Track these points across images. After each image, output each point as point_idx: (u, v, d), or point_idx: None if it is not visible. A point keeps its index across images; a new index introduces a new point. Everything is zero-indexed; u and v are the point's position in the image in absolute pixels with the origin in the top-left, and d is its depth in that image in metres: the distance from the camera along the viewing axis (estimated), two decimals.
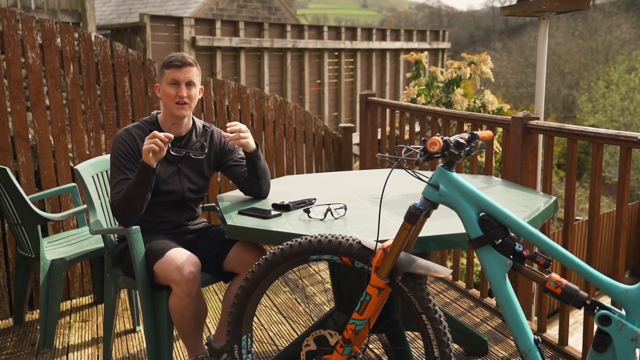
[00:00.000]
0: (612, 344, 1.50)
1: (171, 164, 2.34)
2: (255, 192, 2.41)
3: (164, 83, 2.28)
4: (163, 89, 2.29)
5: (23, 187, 3.07)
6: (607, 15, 33.82)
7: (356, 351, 1.81)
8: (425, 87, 5.38)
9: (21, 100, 3.11)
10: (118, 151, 2.27)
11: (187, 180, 2.37)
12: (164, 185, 2.32)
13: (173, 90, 2.26)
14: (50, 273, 2.75)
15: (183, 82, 2.26)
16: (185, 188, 2.37)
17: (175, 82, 2.26)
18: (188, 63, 2.28)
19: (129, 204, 2.17)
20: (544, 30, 2.98)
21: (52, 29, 3.17)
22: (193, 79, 2.29)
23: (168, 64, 2.28)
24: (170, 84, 2.26)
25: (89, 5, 7.25)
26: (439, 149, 1.61)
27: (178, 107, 2.28)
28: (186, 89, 2.27)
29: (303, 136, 4.36)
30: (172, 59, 2.28)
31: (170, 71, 2.27)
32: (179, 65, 2.26)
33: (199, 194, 2.44)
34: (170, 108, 2.29)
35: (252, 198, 2.42)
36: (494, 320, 3.00)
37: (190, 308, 2.15)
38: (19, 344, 2.83)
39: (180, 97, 2.26)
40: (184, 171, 2.37)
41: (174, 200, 2.36)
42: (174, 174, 2.34)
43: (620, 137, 2.25)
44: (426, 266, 1.69)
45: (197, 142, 2.40)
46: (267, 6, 14.51)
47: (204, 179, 2.43)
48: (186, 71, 2.27)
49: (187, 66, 2.27)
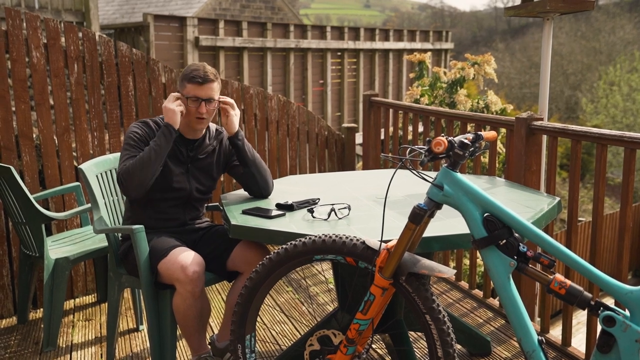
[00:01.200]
0: (617, 345, 1.50)
1: (182, 163, 2.36)
2: (251, 185, 2.41)
3: (183, 96, 2.29)
4: (182, 102, 2.29)
5: (27, 186, 3.08)
6: (611, 16, 33.76)
7: (360, 351, 1.81)
8: (429, 88, 5.38)
9: (25, 100, 3.11)
10: (134, 134, 2.30)
11: (195, 180, 2.39)
12: (174, 183, 2.34)
13: (193, 106, 2.28)
14: (54, 272, 2.75)
15: (203, 99, 2.28)
16: (194, 188, 2.39)
17: (195, 99, 2.27)
18: (209, 80, 2.27)
19: (141, 167, 2.17)
20: (548, 31, 2.98)
21: (56, 29, 3.17)
22: (213, 95, 2.30)
23: (190, 79, 2.27)
24: (191, 100, 2.27)
25: (93, 4, 7.26)
26: (444, 149, 1.61)
27: (198, 121, 2.31)
28: (206, 106, 2.29)
29: (306, 136, 4.36)
30: (195, 74, 2.27)
31: (191, 87, 2.27)
32: (200, 82, 2.26)
33: (206, 195, 2.46)
34: (190, 122, 2.32)
35: (255, 198, 2.43)
36: (497, 321, 3.00)
37: (194, 307, 2.16)
38: (23, 343, 2.84)
39: (200, 114, 2.28)
40: (193, 172, 2.39)
41: (181, 197, 2.38)
42: (183, 173, 2.36)
43: (625, 137, 2.25)
44: (430, 266, 1.69)
45: (209, 145, 2.43)
46: (270, 6, 14.52)
47: (212, 180, 2.46)
48: (207, 88, 2.28)
49: (208, 83, 2.27)
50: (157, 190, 2.32)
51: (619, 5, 37.75)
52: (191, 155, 2.38)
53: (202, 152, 2.41)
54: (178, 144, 2.35)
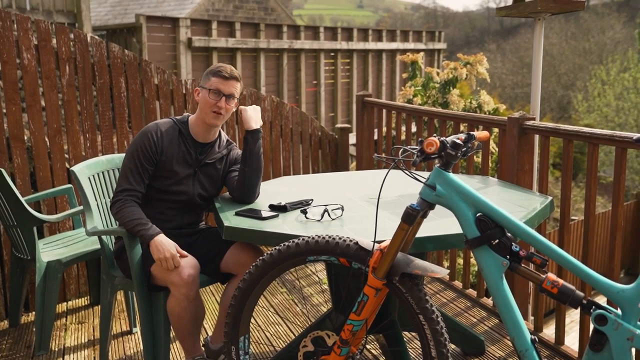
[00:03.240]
0: (609, 344, 1.50)
1: (189, 166, 2.36)
2: (238, 186, 2.36)
3: (206, 89, 2.31)
4: (204, 94, 2.32)
5: (19, 189, 3.06)
6: (600, 16, 33.97)
7: (354, 352, 1.81)
8: (422, 88, 5.39)
9: (16, 102, 3.09)
10: (141, 144, 2.29)
11: (200, 185, 2.39)
12: (178, 185, 2.34)
13: (214, 99, 2.29)
14: (46, 275, 2.74)
15: (225, 94, 2.30)
16: (197, 193, 2.38)
17: (218, 92, 2.29)
18: (235, 77, 2.33)
19: (121, 222, 2.25)
20: (539, 31, 2.99)
21: (47, 30, 3.16)
22: (235, 93, 2.34)
23: (215, 72, 2.31)
24: (213, 92, 2.30)
25: (85, 6, 7.22)
26: (436, 149, 1.62)
27: (214, 115, 2.31)
28: (226, 102, 2.30)
29: (300, 137, 4.36)
30: (221, 69, 2.32)
31: (216, 80, 2.30)
32: (226, 77, 2.30)
33: (207, 202, 2.45)
34: (205, 115, 2.32)
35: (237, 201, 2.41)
36: (490, 320, 3.01)
37: (188, 310, 2.15)
38: (15, 347, 2.82)
39: (218, 108, 2.30)
40: (199, 176, 2.39)
41: (182, 201, 2.37)
42: (189, 176, 2.36)
43: (616, 137, 2.26)
44: (423, 266, 1.70)
45: (218, 152, 2.44)
46: (263, 7, 14.50)
47: (216, 187, 2.46)
48: (231, 85, 2.31)
49: (233, 80, 2.32)
50: (159, 189, 2.32)
51: (607, 5, 37.98)
52: (200, 159, 2.38)
53: (211, 157, 2.41)
54: (188, 145, 2.36)
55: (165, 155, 2.31)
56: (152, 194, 2.33)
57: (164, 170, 2.32)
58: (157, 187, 2.33)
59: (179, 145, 2.34)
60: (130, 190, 2.26)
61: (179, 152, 2.33)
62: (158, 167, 2.31)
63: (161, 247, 2.14)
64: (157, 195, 2.33)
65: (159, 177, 2.33)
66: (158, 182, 2.33)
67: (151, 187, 2.33)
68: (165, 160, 2.31)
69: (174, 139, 2.33)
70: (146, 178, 2.30)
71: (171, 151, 2.32)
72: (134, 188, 2.26)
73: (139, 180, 2.28)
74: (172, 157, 2.32)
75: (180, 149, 2.34)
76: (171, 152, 2.32)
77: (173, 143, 2.33)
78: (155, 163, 2.30)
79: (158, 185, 2.33)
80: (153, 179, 2.33)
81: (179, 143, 2.34)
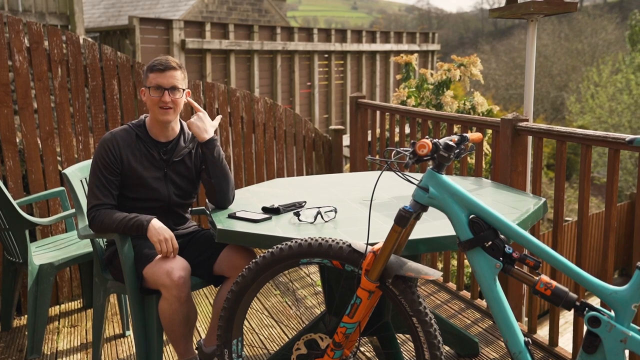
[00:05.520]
0: (602, 345, 1.50)
1: (158, 169, 2.32)
2: (210, 193, 2.34)
3: (147, 87, 2.26)
4: (147, 93, 2.27)
5: (10, 192, 3.04)
6: (592, 17, 34.15)
7: (347, 354, 1.81)
8: (415, 89, 5.40)
9: (8, 104, 3.08)
10: (100, 158, 2.25)
11: (173, 185, 2.35)
12: (150, 191, 2.30)
13: (156, 95, 2.24)
14: (39, 278, 2.72)
15: (166, 87, 2.24)
16: (171, 193, 2.34)
17: (158, 87, 2.23)
18: (171, 67, 2.24)
19: (109, 229, 2.20)
20: (532, 32, 3.00)
21: (39, 32, 3.14)
22: (177, 84, 2.25)
23: (151, 68, 2.25)
24: (153, 89, 2.24)
25: (78, 7, 7.19)
26: (428, 151, 1.61)
27: (162, 112, 2.25)
28: (170, 94, 2.24)
29: (293, 139, 4.35)
30: (156, 62, 2.25)
31: (153, 75, 2.24)
32: (161, 70, 2.23)
33: (187, 200, 2.42)
34: (155, 113, 2.28)
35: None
36: (484, 321, 3.01)
37: (180, 312, 2.14)
38: (7, 350, 2.80)
39: (163, 103, 2.24)
40: (171, 176, 2.35)
41: (161, 205, 2.34)
42: (159, 178, 2.32)
43: (609, 138, 2.27)
44: (416, 269, 1.69)
45: (185, 147, 2.38)
46: (257, 8, 14.50)
47: (191, 184, 2.41)
48: (169, 76, 2.24)
49: (170, 70, 2.24)
50: (134, 198, 2.30)
51: (599, 6, 38.16)
52: (165, 159, 2.33)
53: (178, 154, 2.35)
54: (149, 147, 2.30)
55: (127, 162, 2.26)
56: (128, 204, 2.29)
57: (131, 177, 2.27)
58: (131, 197, 2.29)
59: (139, 149, 2.29)
60: (100, 205, 2.22)
61: (140, 156, 2.28)
62: (124, 175, 2.27)
63: (160, 229, 2.14)
64: (134, 204, 2.29)
65: (130, 186, 2.28)
66: (130, 191, 2.29)
67: (126, 198, 2.29)
68: (129, 167, 2.26)
69: (132, 144, 2.28)
70: (113, 189, 2.25)
71: (132, 157, 2.27)
72: (104, 202, 2.22)
73: (107, 193, 2.23)
74: (134, 162, 2.27)
75: (141, 152, 2.29)
76: (132, 158, 2.27)
77: (132, 148, 2.28)
78: (118, 172, 2.25)
79: (131, 195, 2.29)
80: (124, 188, 2.28)
81: (138, 147, 2.29)
